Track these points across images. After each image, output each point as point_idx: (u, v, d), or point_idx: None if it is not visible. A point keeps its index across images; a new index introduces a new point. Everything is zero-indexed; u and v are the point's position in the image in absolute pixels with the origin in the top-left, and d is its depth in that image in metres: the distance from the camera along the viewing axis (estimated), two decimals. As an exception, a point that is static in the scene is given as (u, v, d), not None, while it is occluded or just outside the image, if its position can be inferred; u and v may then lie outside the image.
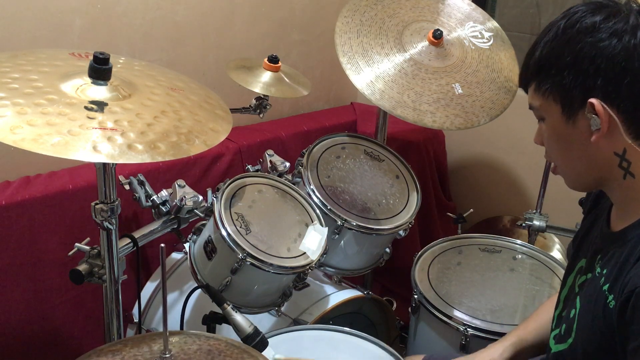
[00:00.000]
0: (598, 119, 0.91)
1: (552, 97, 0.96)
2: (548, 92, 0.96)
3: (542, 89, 0.97)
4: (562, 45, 0.93)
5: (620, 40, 0.89)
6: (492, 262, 1.75)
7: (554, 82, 0.95)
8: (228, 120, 1.20)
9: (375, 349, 1.42)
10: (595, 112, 0.91)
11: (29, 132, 0.92)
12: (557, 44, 0.94)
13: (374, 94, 1.61)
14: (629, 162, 0.93)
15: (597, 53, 0.90)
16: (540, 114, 1.01)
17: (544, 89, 0.97)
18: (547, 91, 0.97)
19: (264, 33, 2.20)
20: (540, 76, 0.98)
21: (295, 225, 1.47)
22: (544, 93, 0.97)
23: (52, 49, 1.28)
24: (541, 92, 0.98)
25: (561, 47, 0.93)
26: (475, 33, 1.83)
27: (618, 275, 0.92)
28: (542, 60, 0.97)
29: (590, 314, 0.97)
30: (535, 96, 1.00)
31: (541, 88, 0.97)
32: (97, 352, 1.01)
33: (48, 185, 1.59)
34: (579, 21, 0.92)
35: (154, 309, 1.67)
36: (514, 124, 2.25)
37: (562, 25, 0.94)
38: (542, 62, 0.97)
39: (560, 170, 1.04)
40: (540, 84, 0.98)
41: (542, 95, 0.98)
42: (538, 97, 0.99)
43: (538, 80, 0.98)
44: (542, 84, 0.97)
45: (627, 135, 0.91)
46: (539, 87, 0.98)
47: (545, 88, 0.97)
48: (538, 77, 0.98)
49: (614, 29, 0.90)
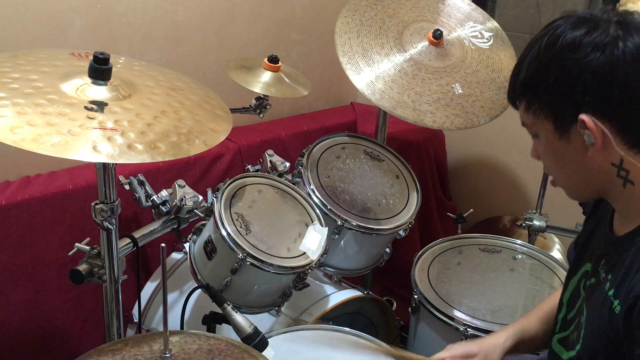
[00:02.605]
0: (591, 134, 0.90)
1: (542, 115, 0.95)
2: (538, 111, 0.96)
3: (532, 108, 0.96)
4: (546, 63, 0.93)
5: (603, 53, 0.88)
6: (492, 262, 1.75)
7: (542, 101, 0.94)
8: (228, 120, 1.20)
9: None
10: (588, 128, 0.90)
11: (29, 132, 0.92)
12: (541, 63, 0.93)
13: (374, 94, 1.61)
14: (627, 170, 0.93)
15: (582, 69, 0.89)
16: (533, 132, 1.00)
17: (534, 108, 0.96)
18: (537, 110, 0.96)
19: (264, 33, 2.20)
20: (527, 96, 0.97)
21: (295, 225, 1.47)
22: (535, 112, 0.96)
23: (52, 49, 1.28)
24: (531, 112, 0.97)
25: (545, 66, 0.92)
26: (475, 33, 1.83)
27: (623, 280, 0.91)
28: (527, 80, 0.96)
29: (597, 319, 0.96)
30: (526, 115, 0.99)
31: (531, 107, 0.97)
32: (97, 351, 1.01)
33: (48, 185, 1.59)
34: (560, 37, 0.91)
35: (154, 309, 1.67)
36: (514, 124, 2.22)
37: (544, 43, 0.93)
38: (527, 82, 0.96)
39: (559, 184, 1.04)
40: (530, 104, 0.97)
41: (533, 114, 0.97)
42: (529, 116, 0.98)
43: (526, 100, 0.97)
44: (531, 104, 0.96)
45: (621, 145, 0.91)
46: (529, 107, 0.97)
47: (534, 108, 0.96)
48: (526, 97, 0.97)
49: (595, 42, 0.88)
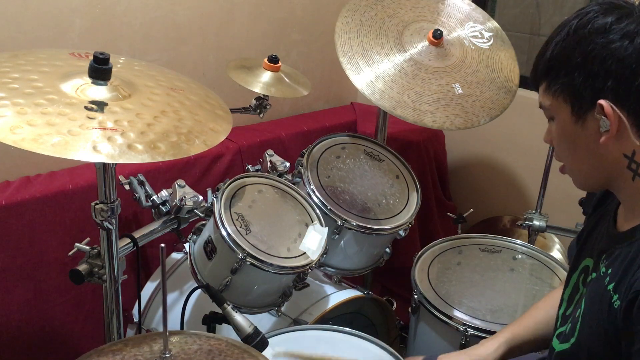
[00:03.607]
0: (607, 121, 0.90)
1: (562, 97, 0.96)
2: (558, 92, 0.96)
3: (553, 89, 0.97)
4: (573, 45, 0.93)
5: (632, 42, 0.88)
6: (492, 262, 1.75)
7: (564, 82, 0.95)
8: (228, 120, 1.20)
9: (375, 349, 1.42)
10: (605, 114, 0.90)
11: (29, 132, 0.92)
12: (568, 44, 0.94)
13: (374, 94, 1.61)
14: (638, 163, 0.93)
15: (608, 54, 0.89)
16: (550, 114, 1.01)
17: (554, 89, 0.96)
18: (557, 91, 0.96)
19: (264, 33, 2.20)
20: (550, 76, 0.97)
21: (295, 225, 1.47)
22: (554, 93, 0.97)
23: (52, 49, 1.28)
24: (551, 92, 0.97)
25: (572, 47, 0.93)
26: (475, 33, 1.83)
27: (624, 275, 0.91)
28: (552, 60, 0.96)
29: (595, 313, 0.96)
30: (545, 96, 0.99)
31: (551, 88, 0.97)
32: (97, 352, 1.01)
33: (48, 185, 1.59)
34: (591, 21, 0.91)
35: (154, 309, 1.67)
36: (514, 124, 2.25)
37: (574, 25, 0.93)
38: (552, 62, 0.96)
39: (568, 170, 1.04)
40: (551, 84, 0.97)
41: (552, 95, 0.97)
42: (548, 96, 0.98)
43: (548, 80, 0.98)
44: (552, 84, 0.97)
45: (636, 137, 0.91)
46: (549, 87, 0.98)
47: (555, 88, 0.96)
48: (548, 77, 0.98)
49: (625, 30, 0.89)
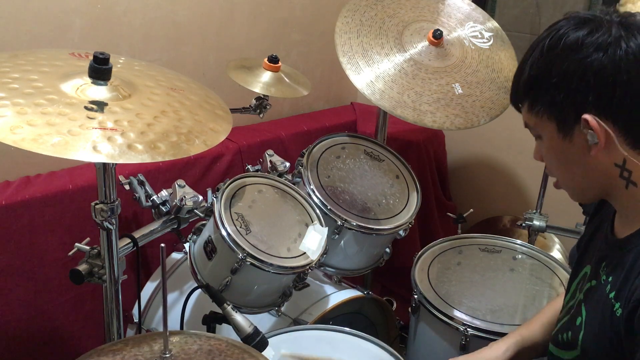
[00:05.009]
0: (595, 134, 0.90)
1: (545, 116, 0.96)
2: (541, 112, 0.96)
3: (535, 109, 0.97)
4: (548, 64, 0.93)
5: (605, 54, 0.88)
6: (492, 262, 1.75)
7: (545, 101, 0.95)
8: (228, 120, 1.20)
9: (375, 349, 1.42)
10: (591, 127, 0.90)
11: (29, 132, 0.92)
12: (544, 64, 0.94)
13: (374, 94, 1.61)
14: (630, 171, 0.93)
15: (585, 69, 0.89)
16: (536, 132, 1.01)
17: (537, 109, 0.96)
18: (540, 111, 0.96)
19: (263, 33, 2.20)
20: (530, 97, 0.97)
21: (295, 225, 1.47)
22: (537, 113, 0.97)
23: (52, 49, 1.28)
24: (534, 112, 0.97)
25: (548, 66, 0.93)
26: (475, 33, 1.83)
27: (624, 283, 0.92)
28: (530, 80, 0.96)
29: (597, 322, 0.96)
30: (528, 116, 0.99)
31: (534, 108, 0.97)
32: (97, 351, 1.01)
33: (48, 185, 1.59)
34: (563, 38, 0.91)
35: (154, 309, 1.67)
36: (514, 124, 2.23)
37: (547, 44, 0.93)
38: (531, 83, 0.97)
39: (562, 185, 1.04)
40: (533, 105, 0.97)
41: (536, 115, 0.97)
42: (532, 117, 0.98)
43: (529, 101, 0.98)
44: (534, 105, 0.97)
45: (624, 145, 0.91)
46: (532, 107, 0.97)
47: (537, 108, 0.96)
48: (529, 98, 0.98)
49: (598, 42, 0.89)
